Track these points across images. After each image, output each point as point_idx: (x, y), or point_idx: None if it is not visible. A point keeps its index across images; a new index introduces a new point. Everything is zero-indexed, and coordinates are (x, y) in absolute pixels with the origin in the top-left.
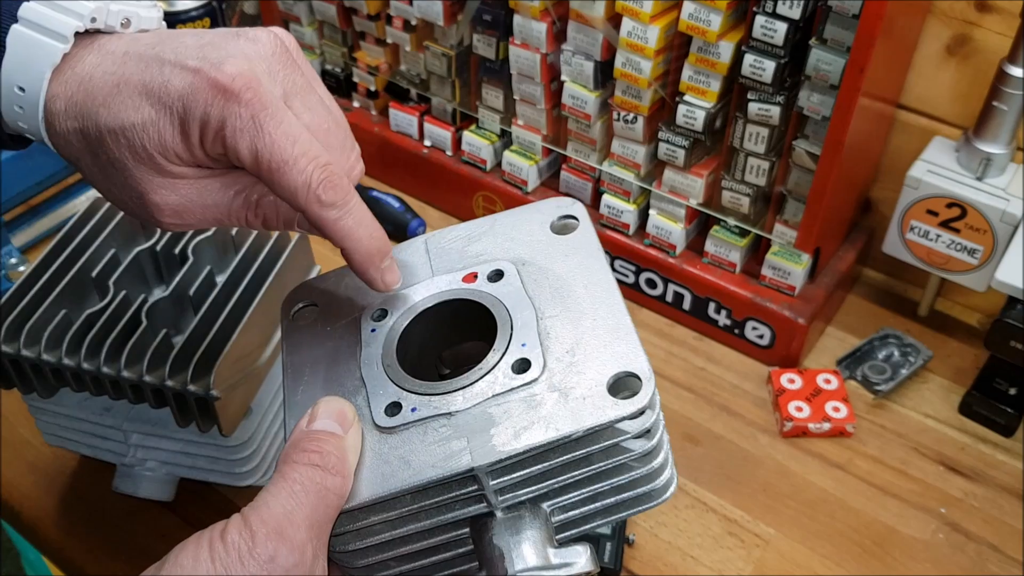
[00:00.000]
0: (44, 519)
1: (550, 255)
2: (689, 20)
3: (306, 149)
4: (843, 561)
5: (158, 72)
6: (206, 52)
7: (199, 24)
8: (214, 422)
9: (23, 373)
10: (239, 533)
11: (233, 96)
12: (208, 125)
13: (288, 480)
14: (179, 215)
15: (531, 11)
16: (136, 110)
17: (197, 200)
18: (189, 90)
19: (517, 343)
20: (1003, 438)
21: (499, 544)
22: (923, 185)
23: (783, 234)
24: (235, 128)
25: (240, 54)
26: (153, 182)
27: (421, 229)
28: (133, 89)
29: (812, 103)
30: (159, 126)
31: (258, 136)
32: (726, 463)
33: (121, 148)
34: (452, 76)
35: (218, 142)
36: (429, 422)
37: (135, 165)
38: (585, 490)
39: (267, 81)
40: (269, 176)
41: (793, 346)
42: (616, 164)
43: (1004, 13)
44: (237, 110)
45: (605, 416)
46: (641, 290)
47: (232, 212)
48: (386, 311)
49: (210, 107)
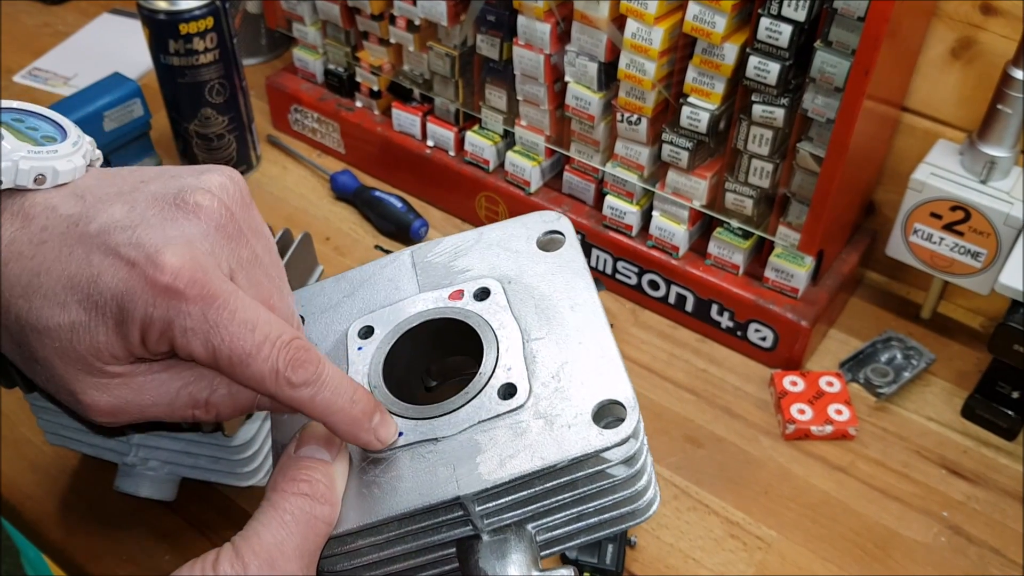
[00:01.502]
0: (45, 518)
1: (536, 272)
2: (694, 22)
3: (267, 332)
4: (845, 564)
5: (84, 260)
6: (139, 236)
7: (202, 23)
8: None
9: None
10: (231, 564)
11: (177, 295)
12: (151, 327)
13: (278, 510)
14: (112, 415)
15: (535, 12)
16: (62, 309)
17: (134, 400)
18: (124, 288)
19: (503, 367)
20: (1005, 442)
21: (484, 567)
22: (927, 188)
23: (786, 236)
24: (185, 328)
25: (180, 238)
26: (84, 382)
27: (424, 230)
28: (56, 283)
29: (816, 105)
30: (90, 327)
31: (212, 333)
32: (728, 465)
33: (46, 348)
34: (455, 76)
35: (163, 342)
36: (416, 447)
37: (63, 365)
38: (570, 512)
39: (212, 267)
40: (231, 371)
41: (796, 348)
42: (619, 165)
43: (1009, 16)
44: (185, 309)
45: (590, 446)
46: (644, 292)
47: (176, 409)
48: (372, 328)
49: (151, 308)
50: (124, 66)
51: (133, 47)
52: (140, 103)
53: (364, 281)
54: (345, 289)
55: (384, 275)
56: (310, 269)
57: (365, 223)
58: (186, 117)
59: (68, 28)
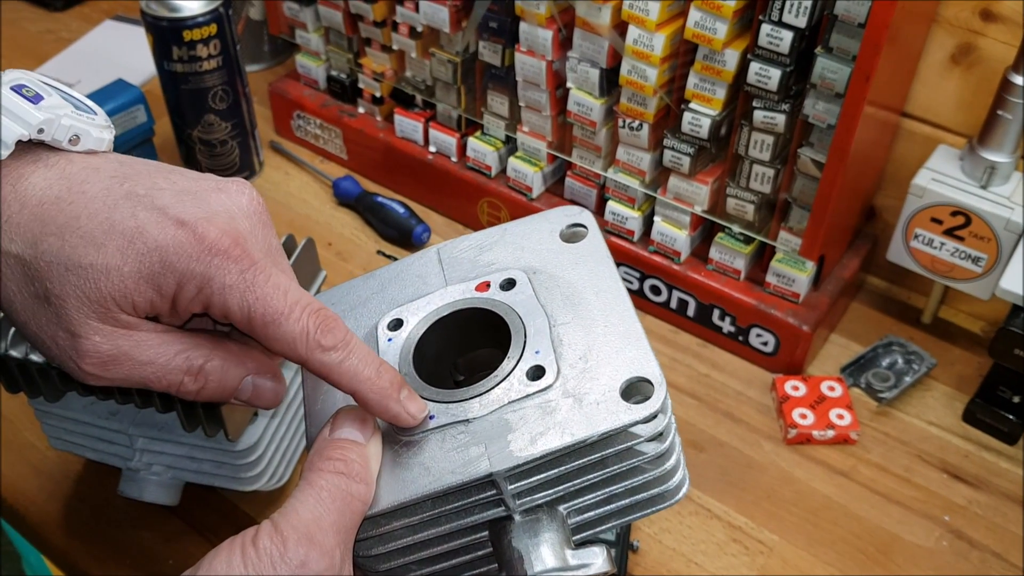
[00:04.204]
0: (49, 523)
1: (560, 263)
2: (695, 28)
3: (298, 298)
4: (846, 568)
5: (129, 213)
6: (187, 203)
7: (206, 30)
8: (220, 426)
9: (29, 377)
10: (270, 539)
11: (221, 253)
12: (189, 282)
13: (315, 487)
14: (104, 366)
15: (537, 18)
16: (98, 250)
17: (132, 354)
18: (171, 243)
19: (531, 350)
20: (1007, 446)
21: (518, 547)
22: (927, 193)
23: (788, 241)
24: (224, 285)
25: (224, 211)
26: (90, 326)
27: (426, 235)
28: (96, 226)
29: (817, 111)
30: (123, 272)
31: (249, 291)
32: (730, 470)
33: (67, 285)
34: (458, 83)
35: (198, 300)
36: (447, 429)
37: (77, 306)
38: (600, 492)
39: (251, 240)
40: (264, 331)
41: (797, 353)
42: (621, 171)
43: (1009, 23)
44: (225, 266)
45: (619, 420)
46: (645, 297)
47: (167, 373)
48: (401, 321)
49: (194, 264)
50: (127, 72)
51: (136, 53)
52: (143, 109)
53: (393, 278)
54: (374, 286)
55: (412, 271)
56: (313, 275)
57: (367, 228)
58: (189, 123)
59: (71, 35)
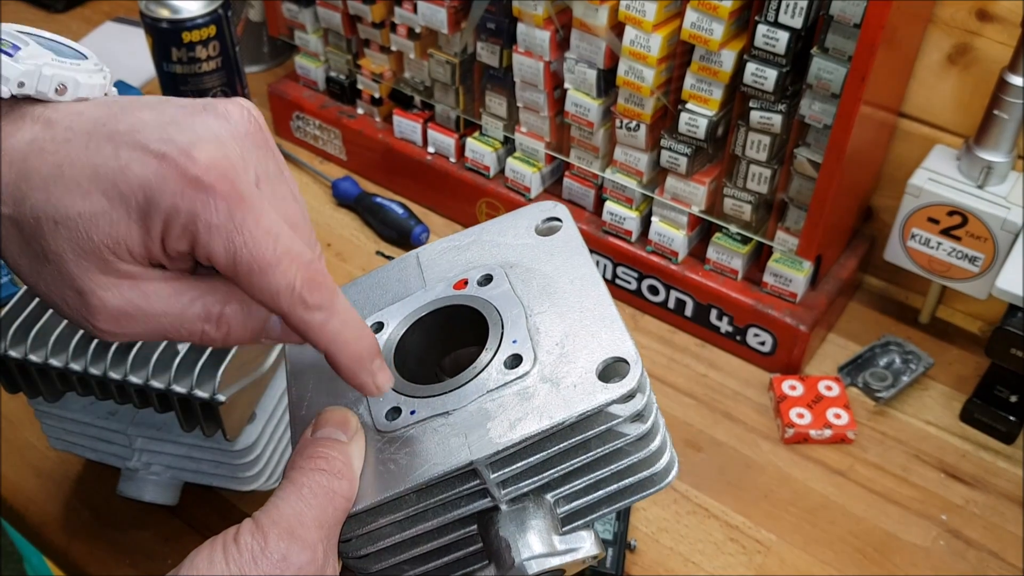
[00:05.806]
0: (49, 523)
1: (536, 256)
2: (691, 29)
3: (288, 247)
4: (844, 567)
5: (112, 154)
6: (170, 133)
7: (205, 31)
8: (218, 426)
9: (29, 377)
10: (251, 535)
11: (206, 188)
12: (175, 220)
13: (296, 484)
14: (117, 322)
15: (534, 19)
16: (84, 197)
17: (144, 306)
18: (154, 179)
19: (508, 341)
20: (1004, 445)
21: (505, 536)
22: (924, 193)
23: (785, 241)
24: (209, 224)
25: (211, 136)
26: (95, 280)
27: (425, 236)
28: (79, 173)
29: (814, 111)
30: (112, 217)
31: (236, 234)
32: (728, 469)
33: (60, 240)
34: (456, 83)
35: (184, 239)
36: (428, 423)
37: (75, 260)
38: (587, 477)
39: (242, 168)
40: (248, 279)
41: (795, 353)
42: (618, 171)
43: (1005, 23)
44: (212, 203)
45: (596, 400)
46: (643, 297)
47: (185, 323)
48: (382, 324)
49: (179, 199)
50: (127, 74)
51: (136, 55)
52: None
53: (374, 284)
54: (356, 293)
55: (392, 276)
56: None
57: (367, 229)
58: None
59: (71, 36)
